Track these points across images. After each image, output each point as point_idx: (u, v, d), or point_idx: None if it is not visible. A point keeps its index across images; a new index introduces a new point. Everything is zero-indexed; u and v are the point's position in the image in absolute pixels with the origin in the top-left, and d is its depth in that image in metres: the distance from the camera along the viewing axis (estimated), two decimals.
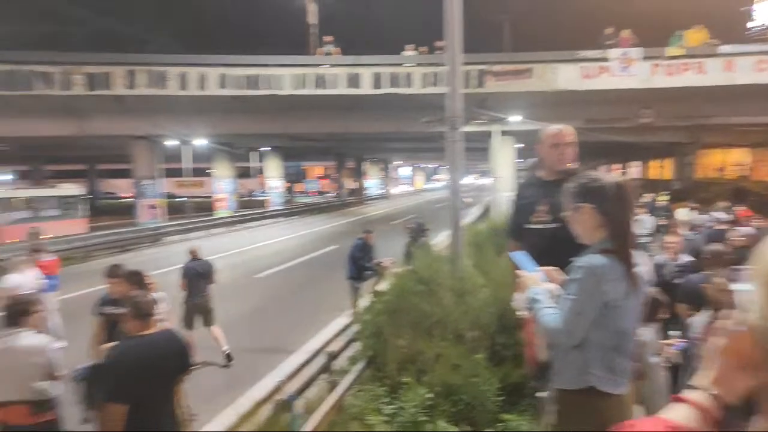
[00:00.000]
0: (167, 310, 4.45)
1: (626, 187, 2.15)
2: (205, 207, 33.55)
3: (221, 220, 28.79)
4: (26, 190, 25.33)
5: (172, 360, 3.41)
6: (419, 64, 21.83)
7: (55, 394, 3.60)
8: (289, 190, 49.51)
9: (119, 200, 48.59)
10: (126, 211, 29.77)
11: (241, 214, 31.91)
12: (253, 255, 17.89)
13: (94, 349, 4.31)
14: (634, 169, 49.71)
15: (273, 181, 38.09)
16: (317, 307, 10.04)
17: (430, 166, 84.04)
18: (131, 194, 30.17)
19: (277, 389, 4.72)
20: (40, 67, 21.31)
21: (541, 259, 2.43)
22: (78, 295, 9.20)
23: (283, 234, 23.96)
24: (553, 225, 2.89)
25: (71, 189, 25.87)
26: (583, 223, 2.14)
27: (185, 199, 33.70)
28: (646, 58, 20.98)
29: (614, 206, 2.09)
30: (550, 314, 2.10)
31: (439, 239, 12.47)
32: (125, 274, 4.44)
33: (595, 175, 2.20)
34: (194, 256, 7.81)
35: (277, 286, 12.62)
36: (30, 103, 21.30)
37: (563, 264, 2.34)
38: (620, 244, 2.07)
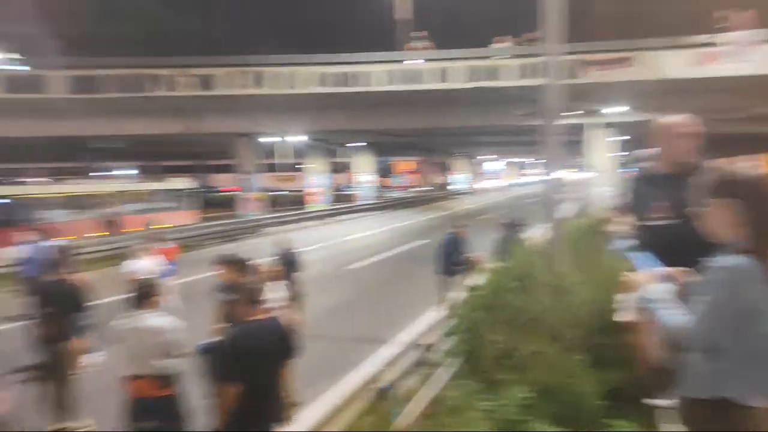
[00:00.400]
0: (284, 298, 4.67)
1: None
2: (299, 201, 34.88)
3: (314, 214, 29.81)
4: (144, 184, 27.67)
5: (277, 345, 3.59)
6: (514, 56, 21.29)
7: (176, 371, 3.93)
8: (377, 184, 50.15)
9: (222, 194, 51.66)
10: (228, 203, 31.60)
11: (331, 207, 32.85)
12: (344, 247, 18.36)
13: (214, 329, 4.64)
14: (745, 163, 45.34)
15: (363, 175, 38.81)
16: (406, 300, 10.14)
17: (519, 160, 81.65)
18: (233, 188, 32.04)
19: (374, 378, 4.84)
20: (153, 70, 23.22)
21: (660, 258, 2.31)
22: (192, 280, 9.93)
23: (372, 228, 24.39)
24: (675, 221, 2.71)
25: (183, 183, 27.89)
26: (720, 220, 1.98)
27: (285, 192, 35.24)
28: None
29: (758, 202, 1.92)
30: (677, 316, 1.98)
31: (533, 235, 12.12)
32: (235, 262, 4.75)
33: (734, 168, 2.05)
34: (284, 247, 8.20)
35: (367, 278, 12.89)
36: (145, 105, 23.22)
37: (686, 263, 2.21)
38: (763, 244, 1.89)
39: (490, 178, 76.86)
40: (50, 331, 5.07)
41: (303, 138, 29.97)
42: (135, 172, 47.24)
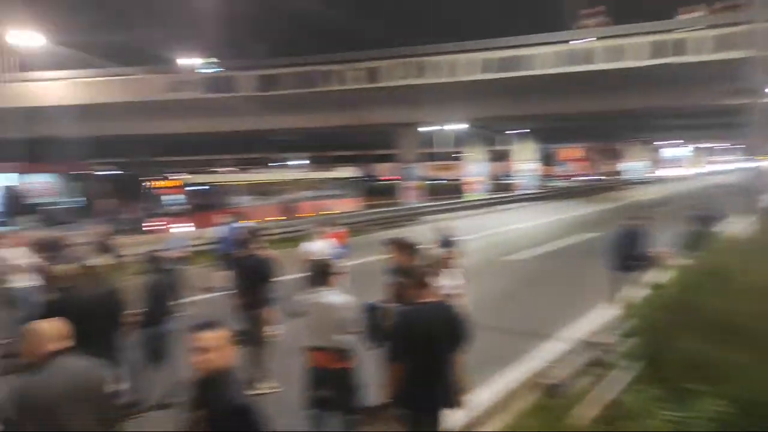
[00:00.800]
0: (459, 285, 4.66)
1: None
2: (458, 190, 34.90)
3: (472, 202, 29.64)
4: (315, 174, 29.98)
5: (446, 330, 3.58)
6: (708, 26, 18.69)
7: (351, 346, 4.16)
8: (540, 173, 48.22)
9: (383, 182, 53.87)
10: (389, 192, 32.76)
11: (490, 196, 32.34)
12: (504, 238, 17.96)
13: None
14: None
15: (525, 164, 37.54)
16: (572, 295, 9.58)
17: (708, 145, 72.05)
18: (393, 177, 33.21)
19: (541, 374, 4.65)
20: (324, 67, 24.92)
21: None
22: (359, 263, 10.46)
23: (533, 218, 23.48)
24: None
25: (348, 172, 29.63)
26: None
27: (444, 181, 35.64)
28: None
29: None
30: None
31: (730, 229, 10.59)
32: (406, 245, 4.89)
33: None
34: (443, 234, 8.27)
35: (528, 270, 12.44)
36: (316, 99, 25.01)
37: None
38: None
39: (672, 166, 69.10)
40: (245, 300, 5.74)
41: (463, 126, 29.86)
42: (306, 162, 51.29)
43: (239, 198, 22.06)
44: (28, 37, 22.97)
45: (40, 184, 26.16)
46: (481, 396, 4.71)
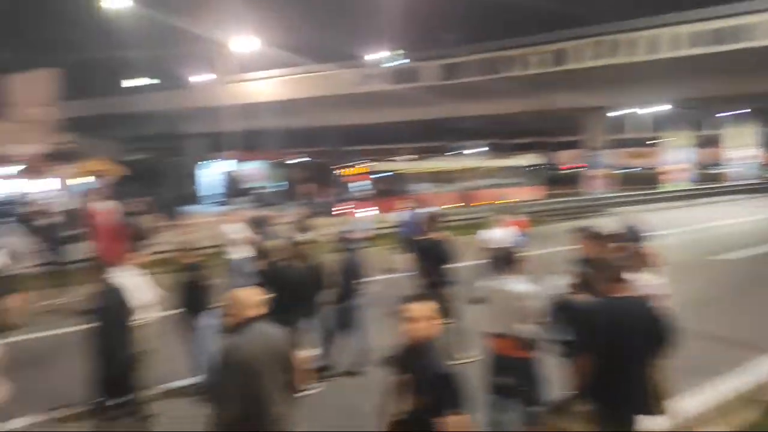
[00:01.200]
0: (662, 284, 4.24)
1: None
2: (653, 180, 31.56)
3: (671, 194, 26.55)
4: (493, 161, 29.53)
5: (639, 328, 3.28)
6: None
7: (535, 336, 4.03)
8: (763, 161, 41.10)
9: (564, 171, 50.92)
10: (571, 180, 30.88)
11: (694, 188, 28.65)
12: (711, 234, 15.81)
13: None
14: None
15: (741, 150, 32.39)
16: None
17: None
18: (576, 165, 31.23)
19: (760, 389, 4.01)
20: (507, 52, 24.33)
21: None
22: (540, 253, 10.04)
23: (751, 213, 20.21)
24: None
25: (528, 160, 28.62)
26: None
27: (637, 169, 32.60)
28: None
29: None
30: None
31: None
32: (598, 236, 4.59)
33: None
34: (629, 227, 7.64)
35: (741, 272, 10.79)
36: (498, 85, 24.52)
37: None
38: None
39: None
40: (426, 282, 5.96)
41: (662, 108, 26.81)
42: (485, 149, 50.68)
43: (419, 185, 22.72)
44: (247, 42, 26.20)
45: (252, 170, 30.14)
46: (687, 405, 4.20)
